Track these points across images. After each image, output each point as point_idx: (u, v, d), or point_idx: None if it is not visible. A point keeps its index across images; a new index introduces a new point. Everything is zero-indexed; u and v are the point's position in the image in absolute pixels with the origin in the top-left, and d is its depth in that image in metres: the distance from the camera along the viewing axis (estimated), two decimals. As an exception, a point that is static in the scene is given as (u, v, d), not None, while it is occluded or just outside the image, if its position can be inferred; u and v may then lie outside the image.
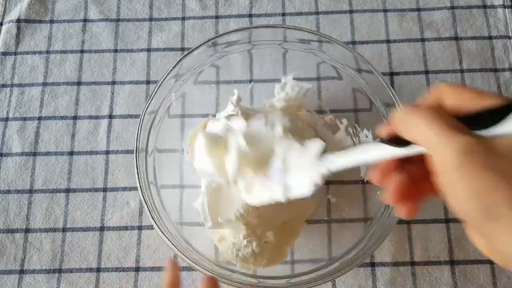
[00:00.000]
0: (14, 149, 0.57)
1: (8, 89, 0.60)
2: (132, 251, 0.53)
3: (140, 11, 0.64)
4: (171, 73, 0.50)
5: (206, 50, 0.52)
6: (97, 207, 0.55)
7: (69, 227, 0.54)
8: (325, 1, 0.64)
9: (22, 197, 0.56)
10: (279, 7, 0.64)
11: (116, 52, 0.62)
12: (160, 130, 0.50)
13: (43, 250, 0.53)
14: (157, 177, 0.49)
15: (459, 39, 0.61)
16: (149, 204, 0.45)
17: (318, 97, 0.57)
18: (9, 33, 0.63)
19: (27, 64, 0.61)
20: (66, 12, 0.64)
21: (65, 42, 0.63)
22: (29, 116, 0.59)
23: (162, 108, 0.50)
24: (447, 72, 0.60)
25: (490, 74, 0.59)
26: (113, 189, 0.56)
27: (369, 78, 0.50)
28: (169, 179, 0.52)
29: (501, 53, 0.60)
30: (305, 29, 0.51)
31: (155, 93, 0.49)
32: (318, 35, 0.51)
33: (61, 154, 0.57)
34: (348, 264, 0.43)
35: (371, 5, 0.63)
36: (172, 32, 0.63)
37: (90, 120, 0.59)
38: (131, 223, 0.54)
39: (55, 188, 0.56)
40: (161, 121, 0.51)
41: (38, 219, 0.55)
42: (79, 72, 0.61)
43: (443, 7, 0.63)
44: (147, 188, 0.46)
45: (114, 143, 0.58)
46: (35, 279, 0.52)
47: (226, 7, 0.64)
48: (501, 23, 0.62)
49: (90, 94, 0.60)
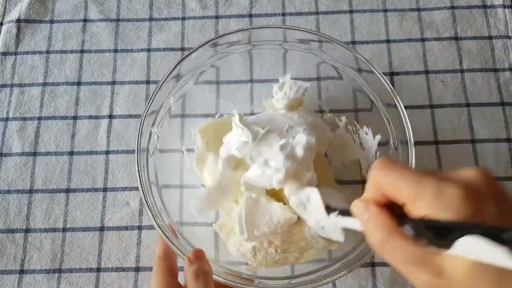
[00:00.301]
0: (14, 149, 0.57)
1: (8, 89, 0.60)
2: (132, 251, 0.53)
3: (140, 11, 0.64)
4: (172, 74, 0.50)
5: (206, 51, 0.52)
6: (97, 207, 0.55)
7: (69, 227, 0.54)
8: (325, 1, 0.64)
9: (22, 197, 0.56)
10: (279, 7, 0.64)
11: (116, 52, 0.62)
12: (161, 130, 0.50)
13: (43, 250, 0.53)
14: (158, 177, 0.49)
15: (459, 39, 0.61)
16: (150, 204, 0.45)
17: (318, 97, 0.57)
18: (9, 33, 0.63)
19: (27, 64, 0.61)
20: (66, 12, 0.64)
21: (65, 42, 0.63)
22: (29, 116, 0.59)
23: (163, 108, 0.50)
24: (447, 72, 0.60)
25: (490, 74, 0.59)
26: (113, 189, 0.56)
27: (370, 78, 0.50)
28: (169, 179, 0.52)
29: (501, 53, 0.60)
30: (305, 29, 0.51)
31: (156, 94, 0.49)
32: (318, 35, 0.51)
33: (61, 154, 0.57)
34: (349, 265, 0.43)
35: (371, 5, 0.63)
36: (172, 32, 0.63)
37: (90, 120, 0.59)
38: (131, 223, 0.54)
39: (55, 188, 0.56)
40: (162, 121, 0.51)
41: (38, 219, 0.55)
42: (79, 72, 0.61)
43: (443, 7, 0.63)
44: (148, 188, 0.46)
45: (114, 143, 0.58)
46: (35, 279, 0.52)
47: (226, 7, 0.64)
48: (501, 23, 0.62)
49: (90, 94, 0.60)
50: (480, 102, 0.58)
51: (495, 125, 0.57)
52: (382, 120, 0.50)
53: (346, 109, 0.55)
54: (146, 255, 0.53)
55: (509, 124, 0.57)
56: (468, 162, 0.56)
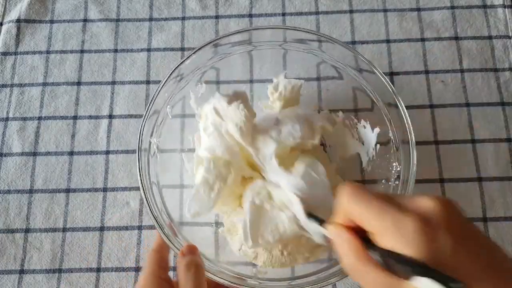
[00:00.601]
0: (14, 149, 0.57)
1: (8, 89, 0.60)
2: (132, 251, 0.53)
3: (140, 11, 0.64)
4: (173, 75, 0.50)
5: (207, 52, 0.52)
6: (97, 207, 0.55)
7: (69, 227, 0.54)
8: (325, 1, 0.64)
9: (22, 197, 0.56)
10: (279, 7, 0.64)
11: (116, 52, 0.62)
12: (162, 130, 0.51)
13: (43, 250, 0.53)
14: (159, 177, 0.49)
15: (459, 39, 0.61)
16: (151, 204, 0.45)
17: (318, 97, 0.57)
18: (9, 33, 0.63)
19: (27, 64, 0.61)
20: (66, 12, 0.64)
21: (65, 42, 0.63)
22: (29, 116, 0.59)
23: (164, 109, 0.50)
24: (447, 72, 0.60)
25: (490, 74, 0.59)
26: (113, 189, 0.56)
27: (371, 77, 0.50)
28: (170, 179, 0.52)
29: (501, 53, 0.60)
30: (304, 30, 0.51)
31: (158, 94, 0.49)
32: (318, 35, 0.51)
33: (61, 154, 0.57)
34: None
35: (371, 5, 0.63)
36: (172, 32, 0.63)
37: (90, 120, 0.59)
38: (131, 223, 0.54)
39: (55, 188, 0.56)
40: (163, 122, 0.51)
41: (38, 219, 0.55)
42: (79, 72, 0.61)
43: (443, 7, 0.63)
44: (149, 188, 0.46)
45: (114, 143, 0.58)
46: (35, 279, 0.52)
47: (226, 7, 0.64)
48: (501, 23, 0.62)
49: (90, 94, 0.60)
50: (480, 102, 0.58)
51: (495, 125, 0.57)
52: (383, 120, 0.50)
53: (346, 108, 0.55)
54: (146, 255, 0.53)
55: (509, 124, 0.57)
56: (468, 162, 0.56)
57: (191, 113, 0.54)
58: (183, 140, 0.54)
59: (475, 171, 0.55)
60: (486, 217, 0.54)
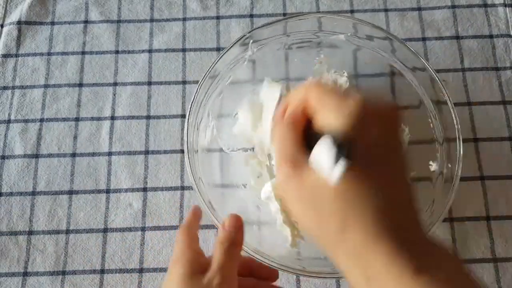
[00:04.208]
0: (16, 151, 0.57)
1: (10, 91, 0.60)
2: (135, 253, 0.53)
3: (141, 12, 0.64)
4: (208, 74, 0.51)
5: (239, 48, 0.53)
6: (100, 209, 0.55)
7: (72, 229, 0.54)
8: (326, 1, 0.64)
9: (25, 200, 0.55)
10: (280, 7, 0.64)
11: (117, 54, 0.62)
12: (200, 129, 0.53)
13: (47, 252, 0.53)
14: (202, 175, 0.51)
15: (460, 38, 0.61)
16: (206, 203, 0.47)
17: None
18: (10, 35, 0.62)
19: (29, 66, 0.61)
20: (67, 13, 0.64)
21: (66, 43, 0.63)
22: (31, 118, 0.59)
23: (202, 107, 0.52)
24: (448, 71, 0.60)
25: (492, 73, 0.59)
26: (116, 191, 0.56)
27: (421, 75, 0.52)
28: (210, 177, 0.53)
29: (502, 52, 0.60)
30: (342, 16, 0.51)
31: (197, 94, 0.51)
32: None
33: (64, 156, 0.57)
34: None
35: (372, 4, 0.63)
36: (173, 33, 0.63)
37: (92, 121, 0.59)
38: (134, 224, 0.54)
39: (58, 190, 0.56)
40: (201, 121, 0.53)
41: (41, 221, 0.55)
42: (81, 74, 0.61)
43: (444, 6, 0.63)
44: (199, 185, 0.48)
45: (117, 144, 0.58)
46: (39, 281, 0.52)
47: (227, 7, 0.64)
48: (502, 22, 0.62)
49: (92, 96, 0.60)
50: (482, 101, 0.58)
51: (496, 123, 0.57)
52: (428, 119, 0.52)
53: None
54: (149, 256, 0.53)
55: (511, 122, 0.57)
56: (470, 161, 0.56)
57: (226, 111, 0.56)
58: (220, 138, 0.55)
59: (477, 170, 0.55)
60: (489, 216, 0.54)
